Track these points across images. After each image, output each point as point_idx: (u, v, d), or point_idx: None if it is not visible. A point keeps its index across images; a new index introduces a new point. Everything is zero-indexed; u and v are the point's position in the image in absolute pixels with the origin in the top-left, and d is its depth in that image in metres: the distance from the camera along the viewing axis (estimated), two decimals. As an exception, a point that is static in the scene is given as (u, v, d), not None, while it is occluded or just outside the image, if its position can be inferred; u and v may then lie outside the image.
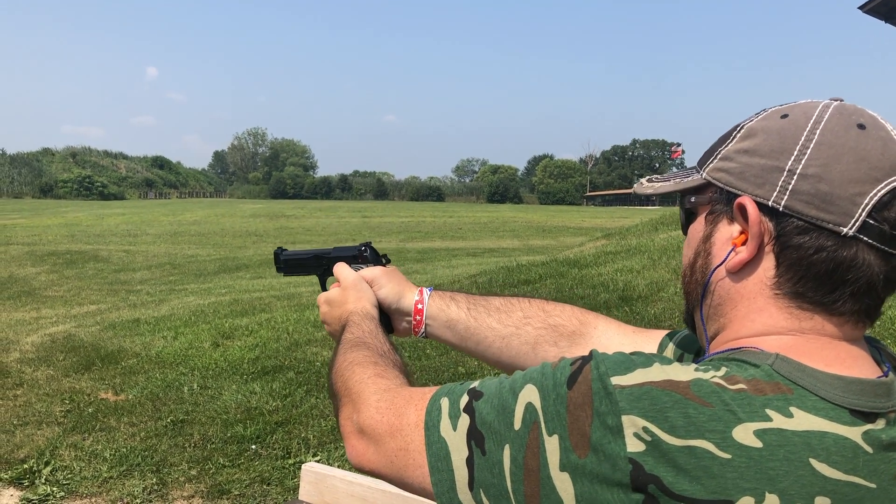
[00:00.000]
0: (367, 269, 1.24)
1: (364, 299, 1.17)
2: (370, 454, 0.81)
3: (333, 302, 1.21)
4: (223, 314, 8.03)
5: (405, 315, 1.21)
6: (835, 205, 0.66)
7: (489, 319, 1.15)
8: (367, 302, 1.17)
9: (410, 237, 25.55)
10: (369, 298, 1.18)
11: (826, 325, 0.69)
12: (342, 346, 1.03)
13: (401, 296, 1.20)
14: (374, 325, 1.09)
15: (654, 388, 0.62)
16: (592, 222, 35.95)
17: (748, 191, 0.71)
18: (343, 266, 1.25)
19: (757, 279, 0.71)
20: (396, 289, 1.21)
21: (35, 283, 12.86)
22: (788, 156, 0.69)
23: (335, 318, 1.19)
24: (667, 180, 0.85)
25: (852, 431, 0.62)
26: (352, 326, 1.09)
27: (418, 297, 1.19)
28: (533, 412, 0.66)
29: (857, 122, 0.69)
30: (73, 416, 4.81)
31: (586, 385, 0.64)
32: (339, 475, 1.87)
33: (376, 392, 0.85)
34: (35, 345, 7.03)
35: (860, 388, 0.64)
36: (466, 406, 0.72)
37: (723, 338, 0.75)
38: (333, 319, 1.20)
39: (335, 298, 1.20)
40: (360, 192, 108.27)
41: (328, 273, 1.31)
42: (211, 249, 20.07)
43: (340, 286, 1.21)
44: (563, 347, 1.12)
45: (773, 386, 0.63)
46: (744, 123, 0.76)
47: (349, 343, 1.03)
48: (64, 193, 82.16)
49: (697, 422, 0.60)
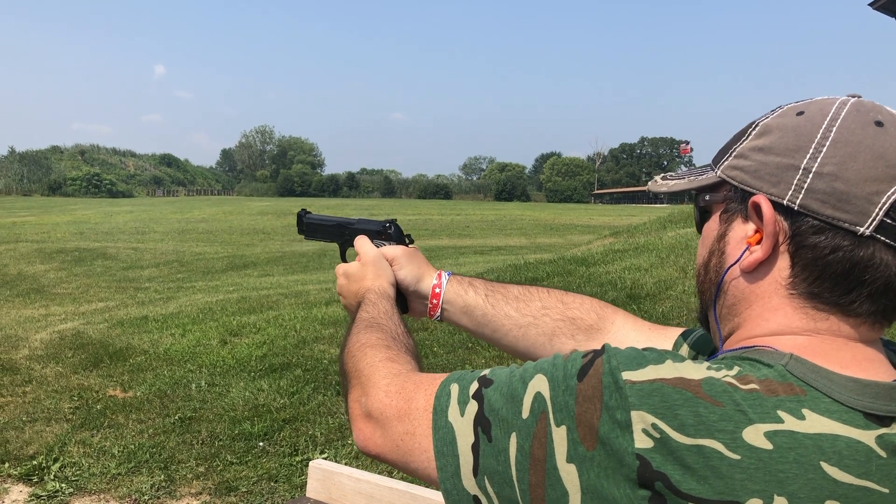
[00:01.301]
0: (388, 247, 1.23)
1: (382, 277, 1.17)
2: (377, 438, 0.81)
3: (352, 276, 1.20)
4: (231, 312, 8.05)
5: (422, 298, 1.20)
6: (851, 204, 0.65)
7: (507, 308, 1.14)
8: (385, 280, 1.16)
9: (418, 235, 25.41)
10: (388, 277, 1.17)
11: (842, 327, 0.68)
12: (356, 326, 1.02)
13: (419, 278, 1.19)
14: (390, 306, 1.09)
15: (665, 385, 0.61)
16: (600, 220, 35.89)
17: (763, 189, 0.70)
18: (365, 240, 1.24)
19: (772, 279, 0.70)
20: (416, 271, 1.20)
21: (44, 281, 12.93)
22: (804, 154, 0.68)
23: (352, 292, 1.18)
24: (681, 178, 0.84)
25: (866, 435, 0.60)
26: (367, 305, 1.08)
27: (436, 280, 1.18)
28: (542, 402, 0.65)
29: (875, 120, 0.68)
30: (81, 413, 4.83)
31: (597, 378, 0.63)
32: (347, 472, 1.87)
33: (386, 376, 0.85)
34: (44, 342, 7.07)
35: (875, 392, 0.63)
36: (476, 393, 0.72)
37: (737, 337, 0.74)
38: (350, 293, 1.19)
39: (354, 272, 1.20)
40: (368, 190, 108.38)
41: (349, 244, 1.30)
42: (219, 247, 20.12)
43: (360, 261, 1.20)
44: (580, 341, 1.11)
45: (786, 387, 0.62)
46: (759, 121, 0.75)
47: (363, 323, 1.02)
48: (72, 191, 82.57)
49: (707, 421, 0.59)
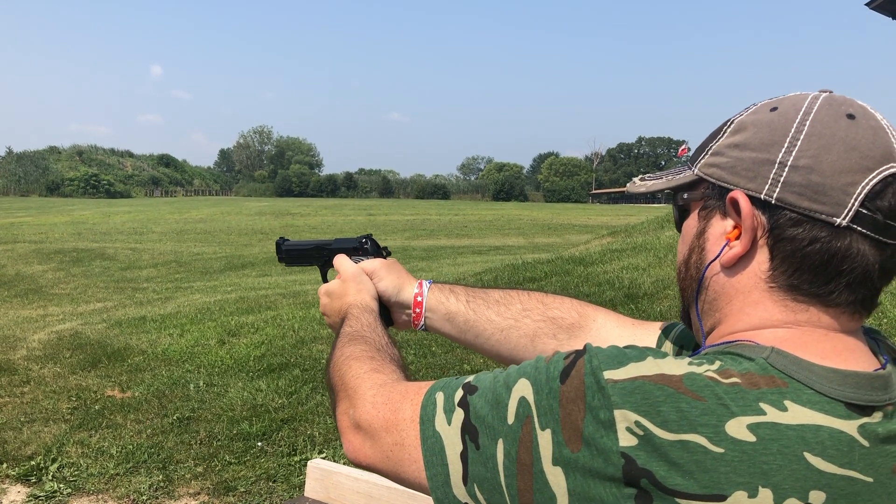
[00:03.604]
0: (367, 261, 1.24)
1: (364, 291, 1.18)
2: (366, 449, 0.82)
3: (333, 294, 1.21)
4: (229, 312, 8.05)
5: (405, 308, 1.21)
6: (827, 195, 0.66)
7: (488, 312, 1.15)
8: (366, 294, 1.17)
9: (416, 235, 25.54)
10: (369, 291, 1.18)
11: (822, 317, 0.69)
12: (340, 340, 1.03)
13: (400, 288, 1.20)
14: (374, 318, 1.09)
15: (647, 382, 0.62)
16: (598, 220, 35.87)
17: (740, 185, 0.71)
18: (343, 258, 1.25)
19: (751, 273, 0.71)
20: (396, 281, 1.21)
21: (42, 281, 12.91)
22: (779, 148, 0.69)
23: (335, 310, 1.19)
24: (659, 178, 0.85)
25: (848, 425, 0.61)
26: (351, 319, 1.09)
27: (418, 289, 1.19)
28: (526, 406, 0.66)
29: (847, 113, 0.69)
30: (79, 414, 4.83)
31: (579, 379, 0.64)
32: (345, 472, 1.87)
33: (372, 387, 0.85)
34: (42, 342, 7.06)
35: (856, 381, 0.64)
36: (461, 400, 0.72)
37: (719, 332, 0.75)
38: (333, 311, 1.20)
39: (335, 290, 1.21)
40: (366, 190, 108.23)
41: (329, 264, 1.32)
42: (217, 247, 20.11)
43: (341, 278, 1.22)
44: (561, 340, 1.11)
45: (768, 380, 0.63)
46: (734, 118, 0.76)
47: (347, 336, 1.03)
48: (70, 191, 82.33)
49: (690, 416, 0.59)
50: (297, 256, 1.39)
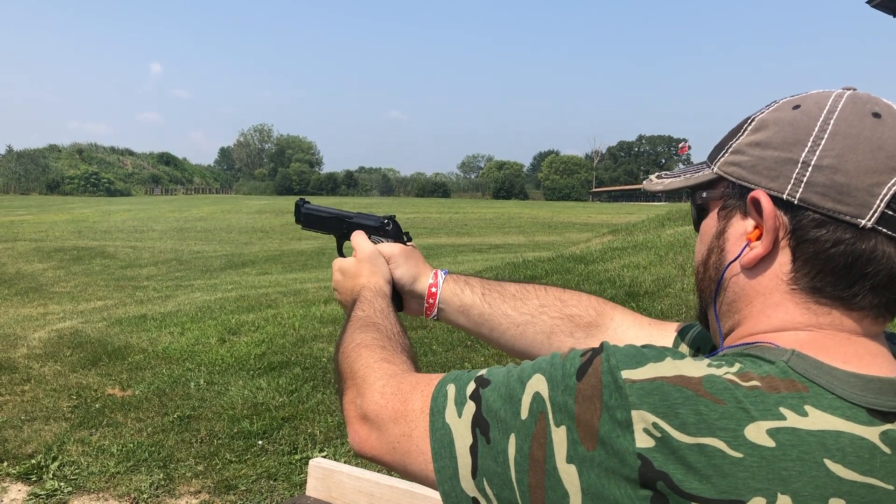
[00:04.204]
0: (386, 244, 1.21)
1: (378, 275, 1.16)
2: (373, 440, 0.80)
3: (347, 272, 1.19)
4: (229, 310, 8.04)
5: (419, 297, 1.19)
6: (851, 196, 0.64)
7: (504, 306, 1.13)
8: (381, 278, 1.15)
9: (416, 233, 25.39)
10: (384, 274, 1.16)
11: (845, 321, 0.67)
12: (351, 325, 1.01)
13: (416, 278, 1.18)
14: (386, 304, 1.08)
15: (666, 384, 0.60)
16: (598, 218, 35.87)
17: (761, 184, 0.69)
18: (362, 236, 1.22)
19: (773, 274, 0.70)
20: (413, 270, 1.19)
21: (42, 280, 12.91)
22: (802, 147, 0.67)
23: (347, 288, 1.18)
24: (676, 176, 0.83)
25: (869, 431, 0.60)
26: (363, 303, 1.07)
27: (433, 279, 1.17)
28: (540, 402, 0.65)
29: (872, 111, 0.67)
30: (80, 412, 4.83)
31: (596, 377, 0.62)
32: (346, 471, 1.87)
33: (382, 377, 0.84)
34: (42, 340, 7.06)
35: (878, 387, 0.62)
36: (473, 393, 0.71)
37: (738, 334, 0.73)
38: (345, 290, 1.18)
39: (349, 269, 1.19)
40: (366, 189, 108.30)
41: (346, 237, 1.28)
42: (217, 245, 20.10)
43: (356, 257, 1.19)
44: (578, 338, 1.10)
45: (788, 383, 0.61)
46: (755, 116, 0.74)
47: (358, 322, 1.01)
48: (70, 190, 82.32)
49: (709, 419, 0.58)
50: (315, 221, 1.35)
